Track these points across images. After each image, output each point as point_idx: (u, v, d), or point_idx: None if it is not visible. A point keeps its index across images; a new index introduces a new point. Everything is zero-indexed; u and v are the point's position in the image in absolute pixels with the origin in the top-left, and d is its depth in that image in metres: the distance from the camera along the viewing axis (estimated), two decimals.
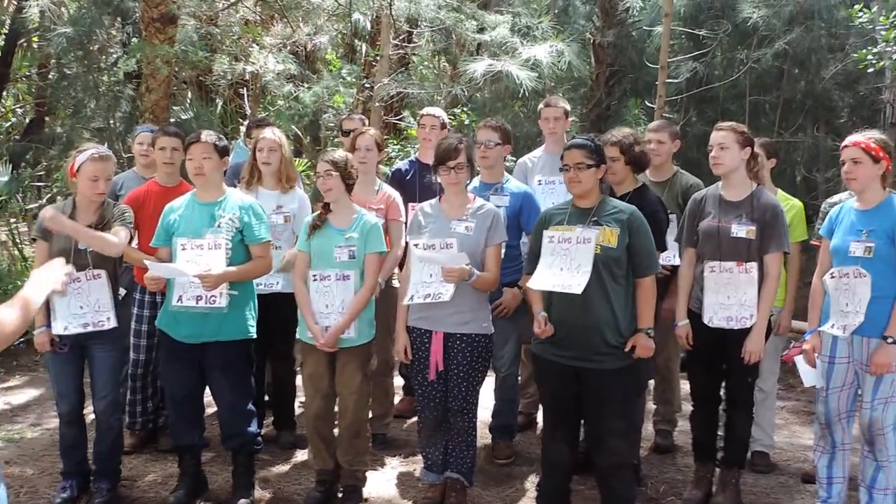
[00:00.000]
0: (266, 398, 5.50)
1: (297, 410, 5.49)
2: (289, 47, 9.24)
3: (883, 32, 6.62)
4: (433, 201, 4.38)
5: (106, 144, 9.86)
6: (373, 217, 4.39)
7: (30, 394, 6.40)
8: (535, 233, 4.12)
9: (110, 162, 4.30)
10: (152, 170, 5.23)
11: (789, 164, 8.94)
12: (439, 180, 4.27)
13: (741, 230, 4.20)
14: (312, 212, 4.67)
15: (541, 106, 5.60)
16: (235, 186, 4.90)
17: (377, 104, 8.49)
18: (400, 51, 9.85)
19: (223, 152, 4.38)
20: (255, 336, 4.40)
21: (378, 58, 8.98)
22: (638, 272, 3.92)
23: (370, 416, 5.33)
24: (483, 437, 5.32)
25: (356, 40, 12.31)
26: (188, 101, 10.68)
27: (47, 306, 4.16)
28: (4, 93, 13.78)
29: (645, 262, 3.92)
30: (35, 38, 12.64)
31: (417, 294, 4.10)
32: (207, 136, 4.33)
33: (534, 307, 4.08)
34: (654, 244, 4.03)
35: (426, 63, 11.67)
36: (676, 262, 4.65)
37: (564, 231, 3.92)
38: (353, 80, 9.70)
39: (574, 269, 3.81)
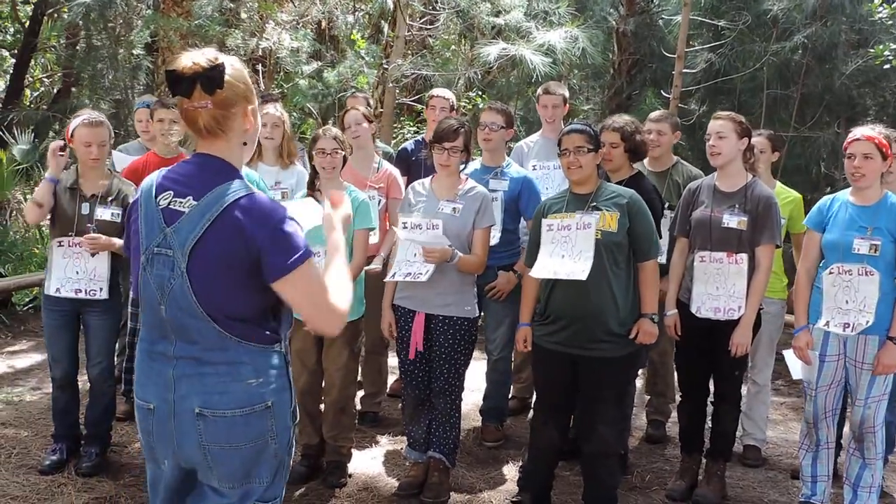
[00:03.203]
0: None
1: None
2: (309, 26, 9.25)
3: None
4: (426, 180, 4.38)
5: (125, 115, 10.01)
6: (361, 194, 4.39)
7: (34, 358, 6.51)
8: (534, 223, 4.10)
9: (103, 127, 4.33)
10: (155, 143, 5.29)
11: (805, 159, 8.81)
12: (434, 158, 4.25)
13: (732, 220, 4.15)
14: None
15: (539, 91, 5.57)
16: None
17: (391, 85, 8.47)
18: (420, 32, 9.83)
19: None
20: None
21: (395, 38, 8.96)
22: (639, 256, 3.89)
23: (362, 393, 5.38)
24: (474, 419, 5.35)
25: (382, 21, 12.29)
26: None
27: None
28: (32, 62, 13.93)
29: (646, 246, 3.89)
30: (65, 10, 12.74)
31: (399, 272, 4.11)
32: None
33: (523, 315, 4.08)
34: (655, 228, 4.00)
35: (452, 46, 11.62)
36: (662, 259, 4.60)
37: (563, 218, 3.89)
38: (373, 59, 9.70)
39: (576, 256, 3.78)
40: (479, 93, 9.67)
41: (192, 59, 2.18)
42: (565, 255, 3.83)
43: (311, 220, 2.66)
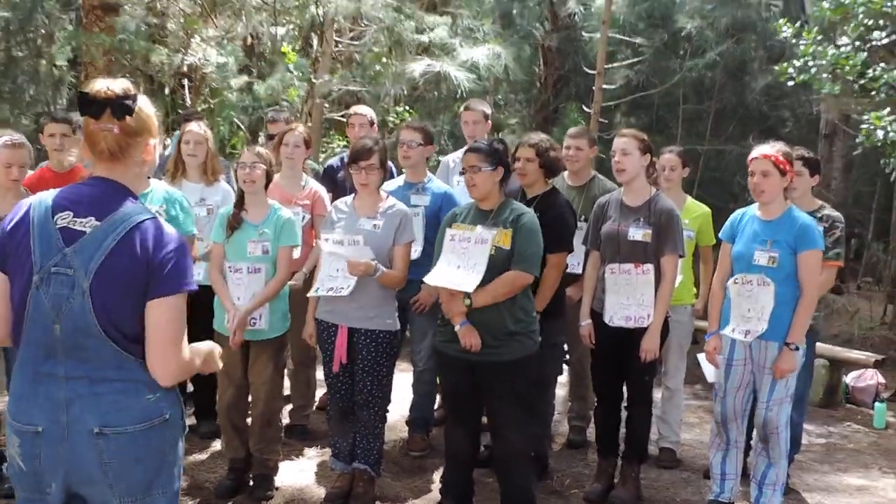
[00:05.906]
0: (189, 389, 5.56)
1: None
2: (236, 41, 9.25)
3: (802, 47, 6.84)
4: (348, 199, 4.48)
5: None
6: (286, 212, 4.48)
7: None
8: (441, 229, 4.24)
9: (24, 149, 4.33)
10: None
11: (721, 171, 9.20)
12: (353, 178, 4.36)
13: (638, 233, 4.36)
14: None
15: (461, 109, 5.74)
16: (161, 178, 4.96)
17: (318, 100, 8.56)
18: (348, 48, 9.92)
19: None
20: None
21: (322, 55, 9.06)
22: (512, 265, 3.95)
23: (291, 406, 5.44)
24: (401, 429, 5.46)
25: (312, 34, 12.33)
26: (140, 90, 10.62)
27: None
28: None
29: (517, 259, 3.95)
30: None
31: (322, 287, 4.21)
32: None
33: (454, 319, 4.02)
34: (542, 248, 4.07)
35: (383, 60, 11.75)
36: (579, 270, 4.80)
37: (465, 230, 4.05)
38: (301, 74, 9.74)
39: (469, 268, 3.95)
40: (407, 108, 9.79)
41: (108, 85, 2.27)
42: (461, 265, 3.99)
43: None
